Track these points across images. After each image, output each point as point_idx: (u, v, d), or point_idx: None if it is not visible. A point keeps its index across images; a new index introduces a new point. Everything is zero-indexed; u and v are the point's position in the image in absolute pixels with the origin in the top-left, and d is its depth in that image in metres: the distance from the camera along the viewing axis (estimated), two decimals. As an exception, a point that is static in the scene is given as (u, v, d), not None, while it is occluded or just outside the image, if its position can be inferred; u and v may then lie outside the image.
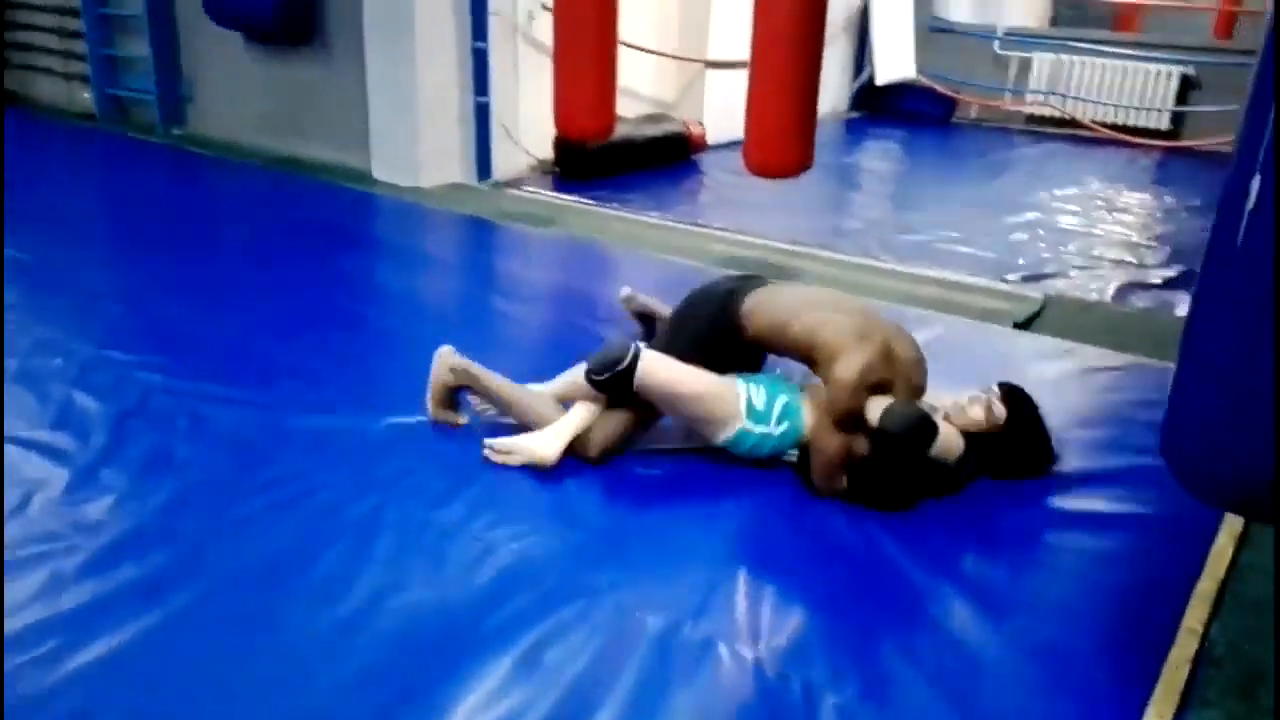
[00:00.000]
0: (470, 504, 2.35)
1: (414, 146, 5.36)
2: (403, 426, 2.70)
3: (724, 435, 2.49)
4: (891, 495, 2.42)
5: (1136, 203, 5.84)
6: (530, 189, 5.56)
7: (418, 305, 3.76)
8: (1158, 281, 4.38)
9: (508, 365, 2.77)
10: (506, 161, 5.72)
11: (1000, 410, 2.50)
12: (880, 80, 8.10)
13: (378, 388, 2.94)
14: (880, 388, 2.44)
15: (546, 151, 5.90)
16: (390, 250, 4.50)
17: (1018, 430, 2.51)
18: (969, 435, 2.49)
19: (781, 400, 2.51)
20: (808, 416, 2.51)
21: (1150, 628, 2.06)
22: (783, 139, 4.01)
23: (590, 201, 5.33)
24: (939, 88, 8.16)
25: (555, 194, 5.48)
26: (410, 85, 5.21)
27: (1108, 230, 5.23)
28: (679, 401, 2.49)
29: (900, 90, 8.26)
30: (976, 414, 2.51)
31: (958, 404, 2.54)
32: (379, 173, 5.55)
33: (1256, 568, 2.25)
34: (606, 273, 4.19)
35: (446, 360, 2.69)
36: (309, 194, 5.29)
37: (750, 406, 2.49)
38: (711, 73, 6.73)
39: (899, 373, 2.47)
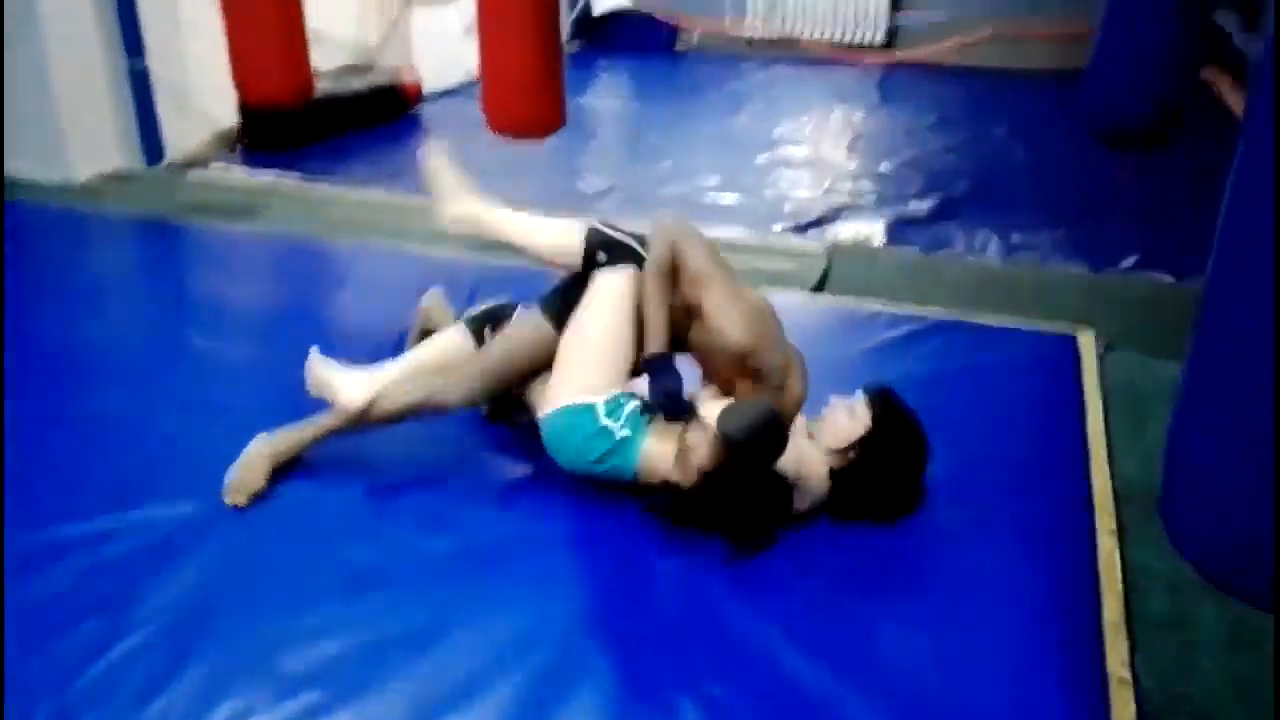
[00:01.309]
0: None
1: (53, 129, 4.23)
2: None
3: (567, 400, 2.12)
4: (733, 519, 2.03)
5: (876, 126, 5.73)
6: (217, 168, 4.60)
7: (71, 365, 2.84)
8: (923, 215, 4.23)
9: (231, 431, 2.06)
10: (181, 137, 4.70)
11: (863, 413, 2.11)
12: (598, 9, 7.57)
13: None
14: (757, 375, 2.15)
15: (231, 119, 4.93)
16: (29, 285, 3.39)
17: (886, 442, 2.10)
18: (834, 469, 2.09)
19: (634, 407, 2.13)
20: (651, 443, 2.08)
21: (1076, 685, 1.75)
22: (530, 92, 3.40)
23: (296, 177, 4.47)
24: (658, 14, 7.75)
25: (250, 171, 4.56)
26: (36, 50, 4.08)
27: (857, 160, 5.06)
28: (602, 328, 2.18)
29: (619, 19, 7.78)
30: (838, 419, 2.10)
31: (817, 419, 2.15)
32: (14, 168, 4.37)
33: (1149, 572, 2.02)
34: (334, 279, 3.44)
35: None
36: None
37: (614, 398, 2.13)
38: (418, 9, 5.93)
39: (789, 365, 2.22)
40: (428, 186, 2.52)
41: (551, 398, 2.16)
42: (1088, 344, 2.93)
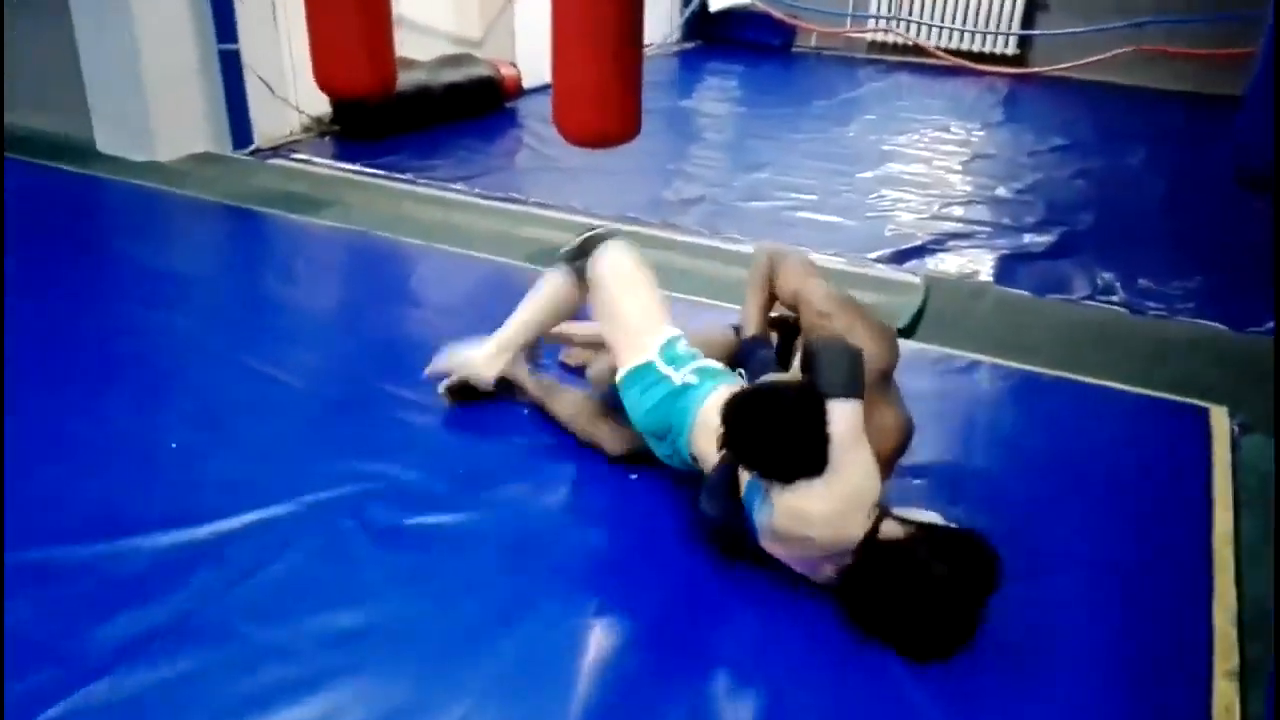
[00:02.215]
0: None
1: (143, 109, 4.21)
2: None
3: (627, 365, 2.15)
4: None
5: (997, 145, 5.32)
6: (302, 157, 4.52)
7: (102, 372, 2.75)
8: (1039, 250, 3.83)
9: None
10: (271, 122, 4.65)
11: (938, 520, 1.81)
12: (714, 6, 7.31)
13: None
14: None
15: (323, 106, 4.85)
16: (82, 262, 3.36)
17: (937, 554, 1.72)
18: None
19: (702, 363, 2.13)
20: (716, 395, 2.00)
21: None
22: (599, 103, 3.16)
23: (378, 172, 4.35)
24: (776, 14, 7.43)
25: (334, 163, 4.46)
26: (126, 29, 4.04)
27: (973, 182, 4.67)
28: (617, 305, 2.22)
29: (736, 17, 7.50)
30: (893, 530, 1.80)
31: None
32: (104, 145, 4.38)
33: None
34: (394, 280, 3.28)
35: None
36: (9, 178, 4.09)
37: (668, 344, 2.14)
38: (521, 1, 5.77)
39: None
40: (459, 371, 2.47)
41: (618, 373, 2.18)
42: (1220, 423, 2.54)
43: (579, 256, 2.34)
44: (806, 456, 1.72)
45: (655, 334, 2.16)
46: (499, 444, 2.32)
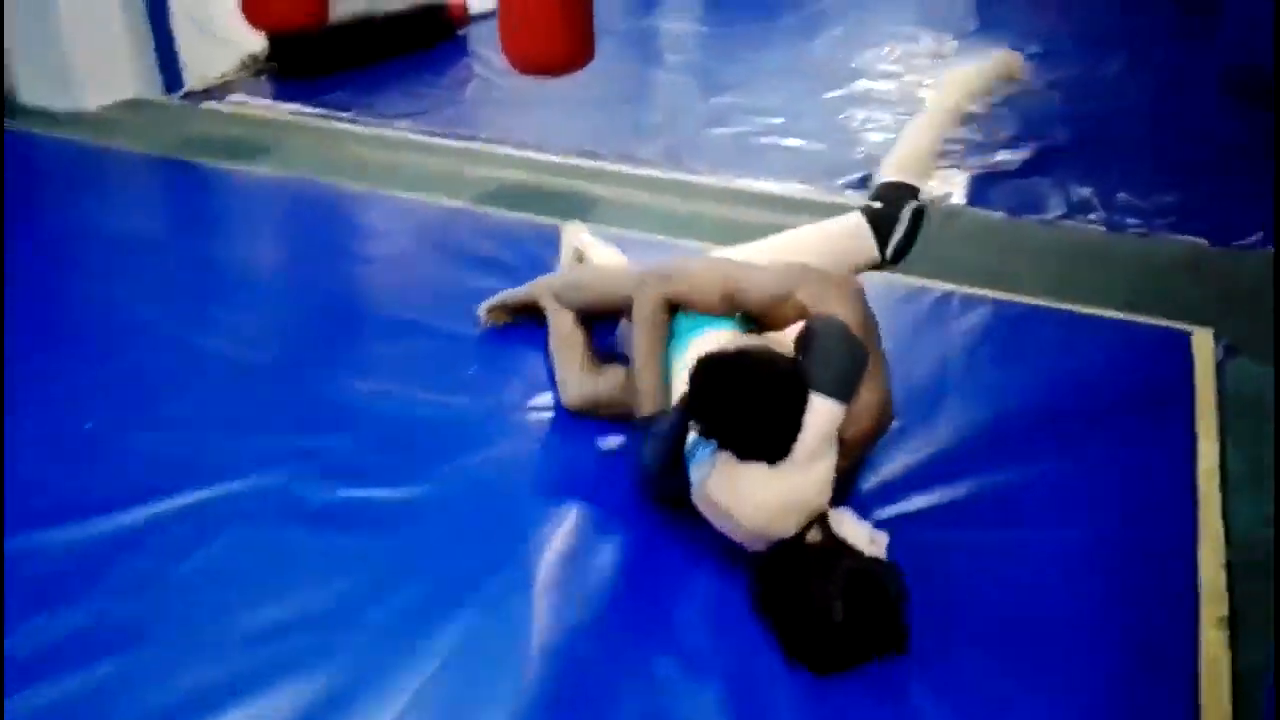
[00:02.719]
0: None
1: (62, 55, 3.95)
2: None
3: None
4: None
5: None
6: (238, 99, 4.27)
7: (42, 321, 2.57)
8: (1014, 168, 3.66)
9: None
10: (203, 62, 4.39)
11: (881, 541, 1.66)
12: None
13: None
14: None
15: (260, 43, 4.58)
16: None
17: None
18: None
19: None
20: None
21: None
22: (548, 27, 2.95)
23: (319, 111, 4.12)
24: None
25: (272, 103, 4.23)
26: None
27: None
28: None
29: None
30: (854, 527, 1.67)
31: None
32: (26, 96, 4.11)
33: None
34: (340, 231, 3.09)
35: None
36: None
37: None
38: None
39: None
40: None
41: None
42: (1204, 347, 2.42)
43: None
44: (772, 441, 1.57)
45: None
46: (442, 410, 2.17)
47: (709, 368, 1.59)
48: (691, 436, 1.68)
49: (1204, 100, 4.18)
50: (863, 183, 3.49)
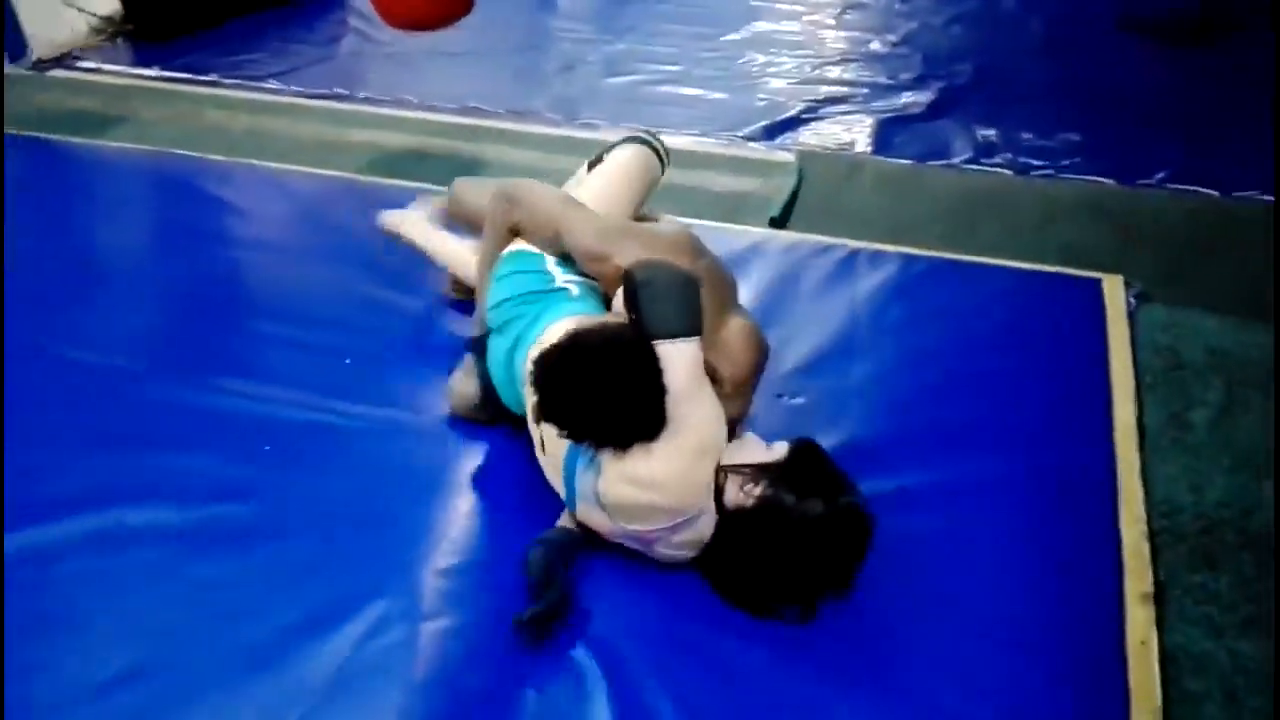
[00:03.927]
0: None
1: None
2: None
3: (520, 245, 1.88)
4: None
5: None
6: (89, 66, 3.91)
7: None
8: (918, 111, 3.55)
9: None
10: (49, 27, 4.00)
11: (780, 449, 1.56)
12: None
13: None
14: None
15: (113, 4, 4.20)
16: None
17: (799, 485, 1.49)
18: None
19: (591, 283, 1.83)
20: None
21: None
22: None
23: (178, 75, 3.80)
24: None
25: (127, 69, 3.88)
26: None
27: (847, 38, 4.33)
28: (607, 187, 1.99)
29: None
30: (750, 447, 1.57)
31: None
32: None
33: (1198, 660, 1.50)
34: (201, 206, 2.81)
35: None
36: None
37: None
38: None
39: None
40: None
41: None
42: (1114, 293, 2.35)
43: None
44: (642, 420, 1.44)
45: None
46: (322, 417, 1.97)
47: (546, 368, 1.47)
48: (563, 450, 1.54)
49: (1103, 32, 4.11)
50: (765, 133, 3.36)
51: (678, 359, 1.47)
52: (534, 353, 1.60)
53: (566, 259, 1.83)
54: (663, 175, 2.13)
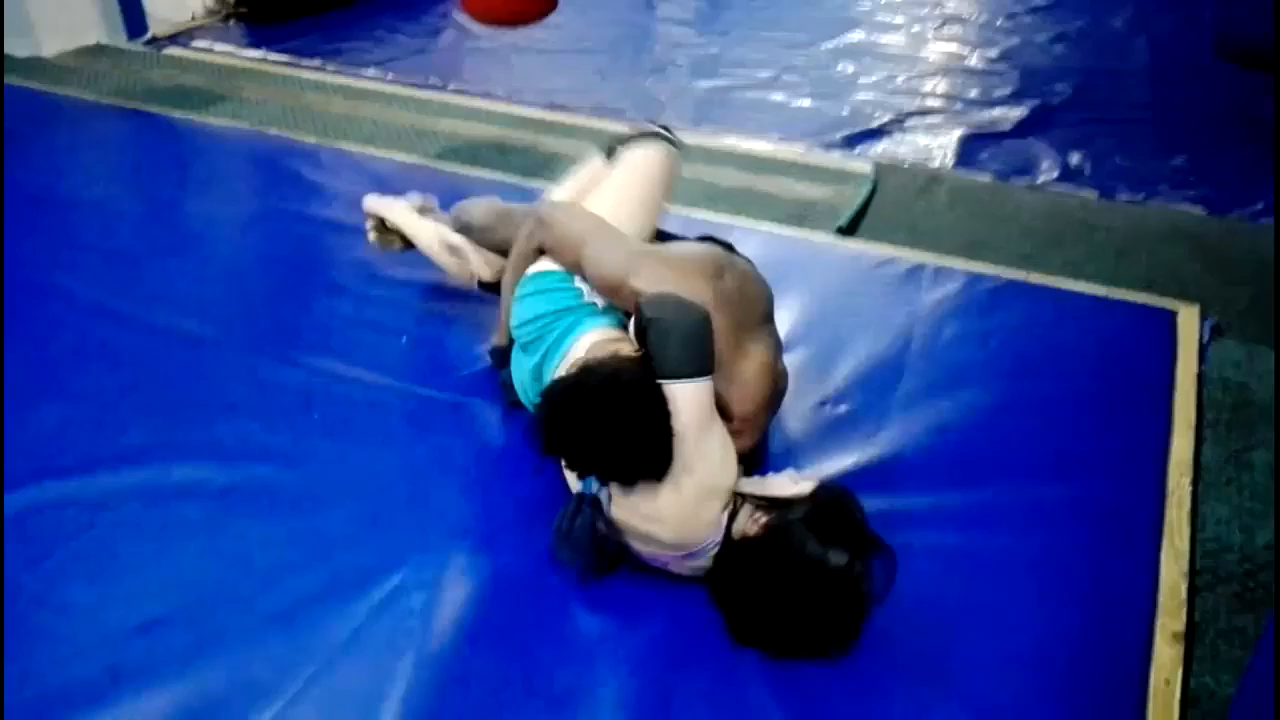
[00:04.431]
0: None
1: (16, -2, 3.79)
2: None
3: (544, 266, 1.83)
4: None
5: (972, 5, 4.86)
6: (202, 45, 4.10)
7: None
8: (1008, 127, 3.47)
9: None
10: (168, 6, 4.22)
11: (805, 486, 1.51)
12: None
13: None
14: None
15: (228, -14, 4.40)
16: None
17: (819, 526, 1.41)
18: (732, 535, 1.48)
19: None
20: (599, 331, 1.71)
21: None
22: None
23: (282, 59, 3.96)
24: None
25: (235, 50, 4.05)
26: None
27: (943, 51, 4.26)
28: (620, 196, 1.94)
29: None
30: (775, 478, 1.54)
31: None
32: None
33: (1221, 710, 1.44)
34: (275, 204, 2.91)
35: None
36: None
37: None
38: None
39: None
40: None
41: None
42: (1189, 327, 2.26)
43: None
44: (647, 460, 1.42)
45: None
46: (361, 387, 2.03)
47: (553, 403, 1.46)
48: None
49: (1207, 61, 3.95)
50: (845, 142, 3.33)
51: (685, 400, 1.43)
52: (560, 370, 1.62)
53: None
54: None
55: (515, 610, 1.53)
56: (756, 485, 1.51)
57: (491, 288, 2.10)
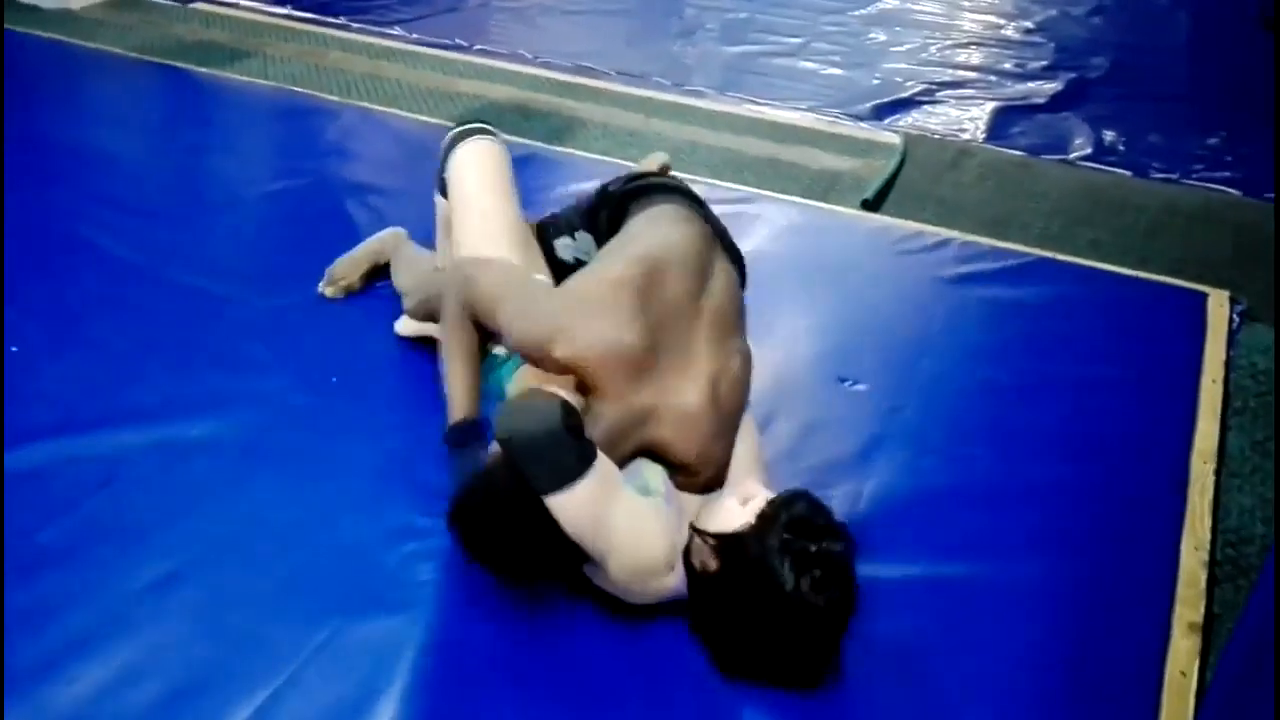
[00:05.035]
0: None
1: (42, -53, 3.76)
2: None
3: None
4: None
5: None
6: (228, 0, 4.07)
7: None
8: (1041, 101, 3.41)
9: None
10: (197, -41, 4.17)
11: (754, 508, 1.40)
12: None
13: None
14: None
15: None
16: None
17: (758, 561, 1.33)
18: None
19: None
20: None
21: None
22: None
23: (308, 15, 3.92)
24: None
25: (262, 5, 4.02)
26: None
27: (979, 21, 4.17)
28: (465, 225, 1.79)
29: None
30: (726, 501, 1.45)
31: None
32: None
33: None
34: (295, 162, 2.88)
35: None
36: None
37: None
38: None
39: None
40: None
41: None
42: (1218, 309, 2.22)
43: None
44: (551, 563, 1.40)
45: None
46: (380, 349, 2.03)
47: (458, 515, 1.41)
48: None
49: (1249, 36, 3.85)
50: (874, 113, 3.27)
51: (562, 510, 1.34)
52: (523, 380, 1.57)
53: None
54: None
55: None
56: (706, 517, 1.44)
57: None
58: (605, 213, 1.82)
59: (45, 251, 2.31)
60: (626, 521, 1.37)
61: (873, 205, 2.67)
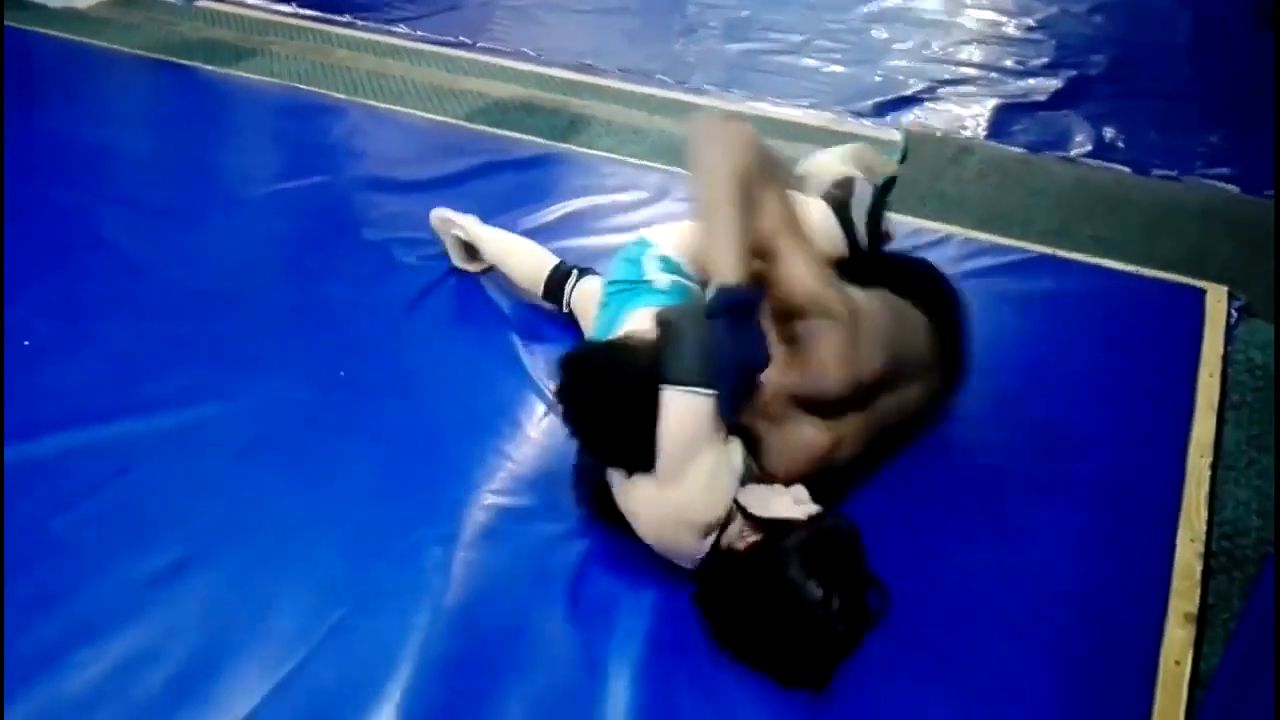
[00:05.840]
0: None
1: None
2: None
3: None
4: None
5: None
6: (234, -3, 4.09)
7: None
8: (1043, 98, 3.42)
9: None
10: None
11: (807, 507, 1.46)
12: None
13: None
14: None
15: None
16: None
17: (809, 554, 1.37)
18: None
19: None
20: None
21: None
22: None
23: (313, 13, 3.94)
24: None
25: (267, 3, 4.03)
26: None
27: (979, 18, 4.18)
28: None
29: None
30: (778, 496, 1.48)
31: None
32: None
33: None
34: (303, 160, 2.90)
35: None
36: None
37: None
38: None
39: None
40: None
41: None
42: (1216, 306, 2.24)
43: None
44: (622, 448, 1.40)
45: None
46: (388, 345, 2.05)
47: (567, 364, 1.45)
48: None
49: (1251, 36, 3.86)
50: (875, 110, 3.29)
51: (672, 409, 1.34)
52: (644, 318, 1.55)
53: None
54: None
55: (530, 570, 1.56)
56: (759, 500, 1.45)
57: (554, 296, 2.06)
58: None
59: (55, 248, 2.34)
60: (710, 464, 1.37)
61: (873, 202, 2.68)
